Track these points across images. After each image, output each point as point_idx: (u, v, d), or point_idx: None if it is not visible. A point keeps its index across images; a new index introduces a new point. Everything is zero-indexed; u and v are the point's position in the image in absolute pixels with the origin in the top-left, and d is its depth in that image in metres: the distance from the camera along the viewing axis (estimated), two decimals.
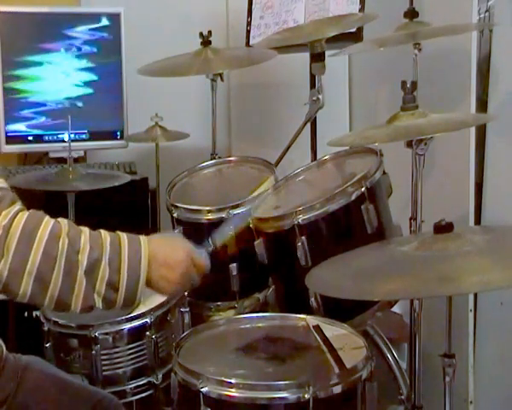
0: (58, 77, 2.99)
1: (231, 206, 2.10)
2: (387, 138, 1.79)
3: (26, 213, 1.40)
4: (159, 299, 2.03)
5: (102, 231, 1.46)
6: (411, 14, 2.27)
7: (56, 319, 2.02)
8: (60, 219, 1.43)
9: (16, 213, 1.39)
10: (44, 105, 2.98)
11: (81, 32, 3.00)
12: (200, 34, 2.60)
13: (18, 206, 1.42)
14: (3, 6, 2.92)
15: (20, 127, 2.96)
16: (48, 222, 1.40)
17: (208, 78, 2.65)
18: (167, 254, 1.50)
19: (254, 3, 2.93)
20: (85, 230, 1.44)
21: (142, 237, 1.49)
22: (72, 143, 2.46)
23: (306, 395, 1.45)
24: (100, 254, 1.41)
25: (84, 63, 3.01)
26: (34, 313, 2.07)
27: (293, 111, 2.62)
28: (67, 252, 1.38)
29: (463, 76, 2.36)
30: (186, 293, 2.11)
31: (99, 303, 1.43)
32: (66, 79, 3.00)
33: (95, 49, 3.02)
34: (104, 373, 1.99)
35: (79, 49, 3.00)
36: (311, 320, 1.78)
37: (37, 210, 1.44)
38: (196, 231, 2.15)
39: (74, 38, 3.00)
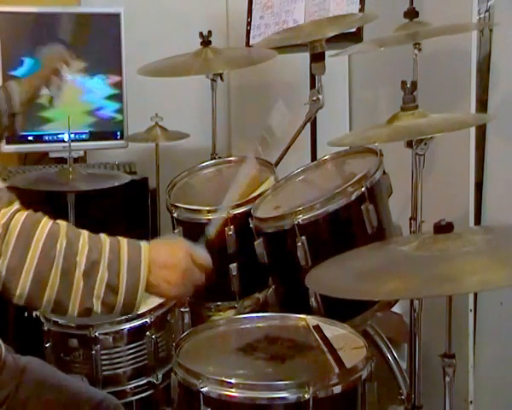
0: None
1: (231, 206, 2.10)
2: (387, 138, 1.79)
3: (24, 213, 1.40)
4: (159, 299, 2.03)
5: (102, 235, 1.46)
6: (411, 14, 2.27)
7: (56, 319, 2.02)
8: (58, 221, 1.43)
9: (15, 213, 1.39)
10: (44, 105, 2.98)
11: (81, 32, 3.00)
12: (200, 34, 2.60)
13: (16, 205, 1.42)
14: (3, 6, 2.92)
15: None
16: (46, 222, 1.40)
17: (208, 78, 2.65)
18: (166, 256, 1.49)
19: (254, 3, 2.93)
20: (84, 232, 1.43)
21: (142, 242, 1.48)
22: (72, 143, 2.46)
23: (306, 395, 1.45)
24: (99, 256, 1.41)
25: (84, 63, 3.01)
26: (34, 313, 2.07)
27: (293, 111, 2.62)
28: (65, 253, 1.38)
29: (463, 76, 2.36)
30: None
31: (97, 307, 1.41)
32: (66, 79, 3.00)
33: (95, 50, 3.02)
34: (104, 373, 1.99)
35: (79, 49, 3.00)
36: (311, 320, 1.78)
37: (37, 210, 1.44)
38: (196, 231, 2.15)
39: (74, 38, 3.00)
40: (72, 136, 2.68)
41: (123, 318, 2.00)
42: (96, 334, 1.97)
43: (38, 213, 1.42)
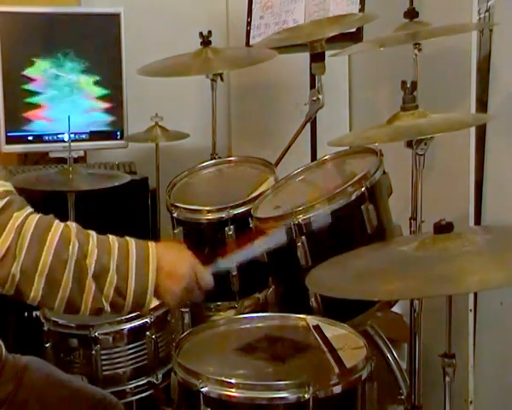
0: (58, 77, 2.99)
1: (231, 206, 2.10)
2: (387, 138, 1.79)
3: (36, 216, 1.42)
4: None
5: (110, 237, 1.47)
6: (411, 14, 2.27)
7: (56, 319, 2.02)
8: (69, 223, 1.45)
9: (28, 216, 1.41)
10: (44, 105, 2.98)
11: (81, 32, 3.00)
12: (200, 34, 2.60)
13: (29, 209, 1.43)
14: (4, 6, 2.92)
15: (20, 127, 2.96)
16: (58, 225, 1.42)
17: (208, 78, 2.65)
18: (173, 266, 1.50)
19: (254, 3, 2.93)
20: (93, 234, 1.45)
21: (151, 245, 1.49)
22: (72, 143, 2.46)
23: (306, 395, 1.45)
24: (107, 260, 1.43)
25: (84, 63, 3.01)
26: (34, 313, 2.07)
27: (293, 111, 2.62)
28: (77, 255, 1.40)
29: (463, 76, 2.36)
30: None
31: (107, 307, 1.44)
32: (66, 79, 3.00)
33: (95, 50, 3.02)
34: (104, 373, 1.99)
35: (79, 49, 3.00)
36: (311, 320, 1.78)
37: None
38: (196, 231, 2.15)
39: (74, 38, 3.00)
40: (72, 136, 2.68)
41: (123, 318, 2.00)
42: (96, 334, 1.97)
43: (49, 216, 1.44)
